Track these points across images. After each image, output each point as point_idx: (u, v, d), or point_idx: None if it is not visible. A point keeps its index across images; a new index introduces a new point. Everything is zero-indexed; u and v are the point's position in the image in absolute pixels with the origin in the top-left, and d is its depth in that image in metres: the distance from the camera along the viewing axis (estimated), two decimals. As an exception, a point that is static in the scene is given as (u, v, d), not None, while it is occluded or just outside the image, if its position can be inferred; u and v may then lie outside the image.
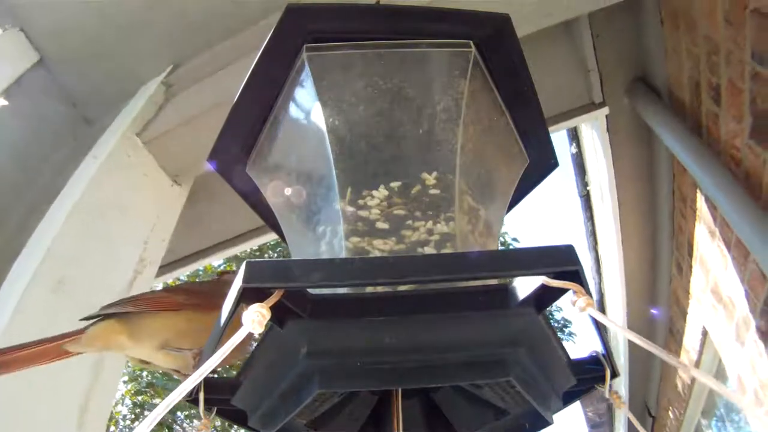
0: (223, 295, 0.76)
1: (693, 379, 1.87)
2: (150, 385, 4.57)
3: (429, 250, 0.42)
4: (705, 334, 1.62)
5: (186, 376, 0.75)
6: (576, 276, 0.35)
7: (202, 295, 0.74)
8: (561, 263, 0.35)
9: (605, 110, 1.46)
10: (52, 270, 0.89)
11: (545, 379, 0.38)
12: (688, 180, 1.40)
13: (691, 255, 1.54)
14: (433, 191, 0.44)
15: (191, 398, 0.39)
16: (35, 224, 0.96)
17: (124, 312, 0.72)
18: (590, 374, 0.42)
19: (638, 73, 1.45)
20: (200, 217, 1.44)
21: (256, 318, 0.31)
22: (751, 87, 0.98)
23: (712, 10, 1.02)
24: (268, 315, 0.31)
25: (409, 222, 0.43)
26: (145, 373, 4.60)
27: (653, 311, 1.91)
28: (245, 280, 0.32)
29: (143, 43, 1.24)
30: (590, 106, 1.46)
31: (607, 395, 0.42)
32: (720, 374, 1.71)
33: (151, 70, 1.25)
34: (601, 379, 0.42)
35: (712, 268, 1.41)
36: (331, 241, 0.44)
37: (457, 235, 0.43)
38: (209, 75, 1.17)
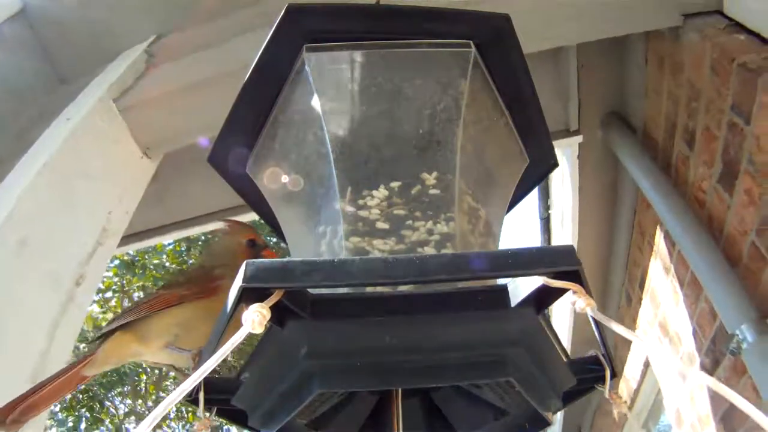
0: (216, 277, 0.78)
1: (629, 409, 1.90)
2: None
3: (429, 250, 0.42)
4: (647, 365, 1.66)
5: (183, 372, 0.76)
6: (576, 276, 0.35)
7: (198, 282, 0.75)
8: (561, 263, 0.35)
9: (579, 138, 1.49)
10: (14, 230, 0.85)
11: (545, 379, 0.38)
12: (649, 216, 1.44)
13: (642, 288, 1.58)
14: (433, 191, 0.44)
15: (191, 398, 0.39)
16: (-1, 179, 0.92)
17: (129, 322, 0.74)
18: (590, 374, 0.42)
19: (615, 107, 1.49)
20: (159, 194, 1.41)
21: (256, 318, 0.31)
22: (726, 136, 1.02)
23: (699, 58, 1.06)
24: (268, 315, 0.31)
25: (409, 222, 0.43)
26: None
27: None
28: (246, 279, 0.32)
29: (130, 8, 1.22)
30: (565, 133, 1.48)
31: (606, 395, 0.42)
32: (657, 405, 1.76)
33: (135, 37, 1.22)
34: (601, 379, 0.42)
35: (663, 302, 1.45)
36: (331, 241, 0.44)
37: (457, 235, 0.43)
38: (193, 52, 1.15)
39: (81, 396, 4.65)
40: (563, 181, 1.68)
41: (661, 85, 1.26)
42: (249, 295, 0.33)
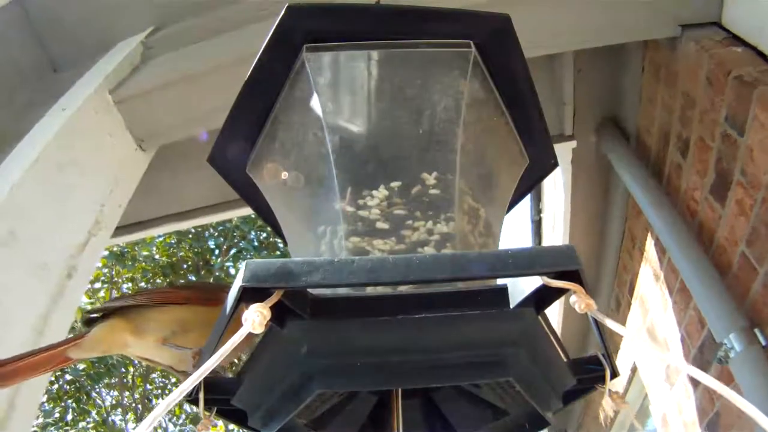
0: (226, 289, 0.77)
1: (616, 412, 1.92)
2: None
3: (429, 250, 0.42)
4: (634, 370, 1.67)
5: (182, 372, 0.76)
6: (576, 276, 0.35)
7: (210, 291, 0.75)
8: (561, 263, 0.35)
9: (573, 143, 1.49)
10: (4, 221, 0.84)
11: (545, 379, 0.38)
12: (640, 223, 1.45)
13: (631, 294, 1.59)
14: (433, 191, 0.44)
15: (191, 398, 0.39)
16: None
17: (128, 307, 0.73)
18: (590, 374, 0.42)
19: (610, 113, 1.50)
20: (149, 187, 1.37)
21: (256, 318, 0.31)
22: (719, 146, 1.04)
23: (696, 69, 1.07)
24: (268, 315, 0.31)
25: (409, 222, 0.43)
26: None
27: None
28: (245, 279, 0.32)
29: (128, -1, 1.21)
30: (560, 137, 1.49)
31: (607, 395, 0.42)
32: (643, 411, 1.77)
33: (131, 28, 1.22)
34: (601, 379, 0.42)
35: (651, 308, 1.46)
36: (331, 241, 0.44)
37: (457, 235, 0.43)
38: (191, 44, 1.14)
39: (68, 387, 4.59)
40: (555, 184, 1.69)
41: (656, 93, 1.27)
42: (249, 295, 0.33)
